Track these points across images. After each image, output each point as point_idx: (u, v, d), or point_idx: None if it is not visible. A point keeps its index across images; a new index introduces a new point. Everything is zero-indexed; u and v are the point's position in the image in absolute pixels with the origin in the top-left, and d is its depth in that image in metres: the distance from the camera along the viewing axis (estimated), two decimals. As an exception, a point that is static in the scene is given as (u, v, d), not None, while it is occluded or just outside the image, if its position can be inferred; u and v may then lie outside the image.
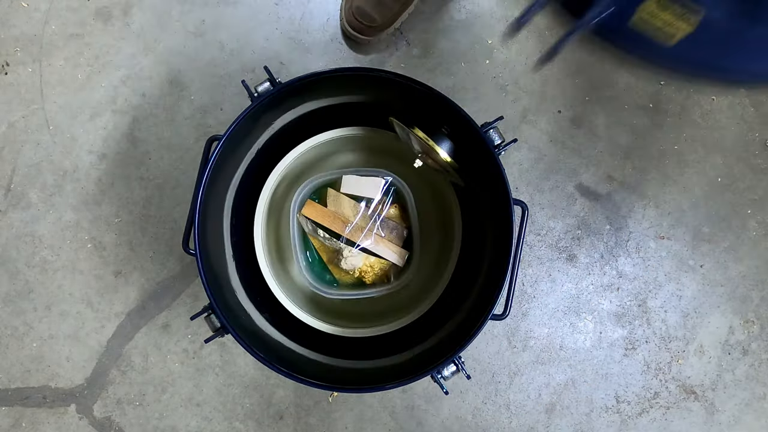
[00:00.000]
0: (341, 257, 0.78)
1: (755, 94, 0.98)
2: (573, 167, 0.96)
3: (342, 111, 0.80)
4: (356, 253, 0.78)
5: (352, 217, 0.79)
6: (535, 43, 0.96)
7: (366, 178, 0.79)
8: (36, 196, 0.95)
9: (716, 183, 0.97)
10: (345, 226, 0.78)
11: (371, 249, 0.78)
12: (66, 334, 0.93)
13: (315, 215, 0.79)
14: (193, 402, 0.93)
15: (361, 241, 0.78)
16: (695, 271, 0.96)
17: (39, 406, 0.93)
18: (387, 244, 0.79)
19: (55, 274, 0.94)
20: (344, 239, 0.79)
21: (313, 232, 0.79)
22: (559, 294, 0.95)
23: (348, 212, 0.79)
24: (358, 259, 0.78)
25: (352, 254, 0.78)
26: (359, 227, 0.78)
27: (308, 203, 0.80)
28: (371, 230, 0.78)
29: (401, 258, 0.79)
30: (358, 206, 0.79)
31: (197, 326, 0.93)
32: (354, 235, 0.78)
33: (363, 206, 0.79)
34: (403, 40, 0.96)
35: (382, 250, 0.78)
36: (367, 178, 0.79)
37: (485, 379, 0.94)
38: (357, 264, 0.79)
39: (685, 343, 0.95)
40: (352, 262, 0.78)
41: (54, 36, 0.96)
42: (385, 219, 0.79)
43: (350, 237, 0.78)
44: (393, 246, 0.79)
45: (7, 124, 0.95)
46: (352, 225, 0.78)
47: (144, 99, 0.95)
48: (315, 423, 0.93)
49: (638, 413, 0.94)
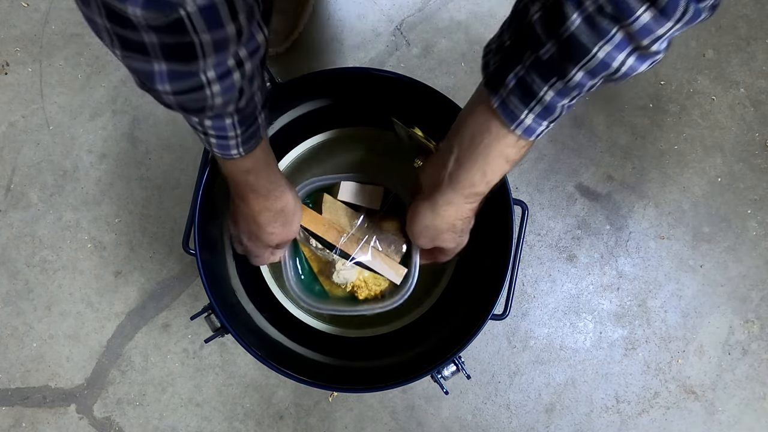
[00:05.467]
0: (334, 269, 0.72)
1: (755, 93, 0.98)
2: (573, 167, 0.96)
3: (342, 111, 0.80)
4: (350, 267, 0.72)
5: (348, 227, 0.73)
6: (535, 43, 0.96)
7: (367, 186, 0.74)
8: (36, 196, 0.95)
9: (716, 183, 0.97)
10: (340, 237, 0.73)
11: (367, 264, 0.72)
12: (66, 334, 0.93)
13: (308, 222, 0.73)
14: (193, 402, 0.93)
15: (357, 255, 0.72)
16: (695, 271, 0.96)
17: (39, 406, 0.93)
18: (384, 259, 0.72)
19: (55, 274, 0.94)
20: (338, 250, 0.73)
21: (304, 240, 0.73)
22: (559, 294, 0.95)
23: (344, 221, 0.74)
24: (351, 272, 0.73)
25: (345, 267, 0.72)
26: (355, 239, 0.73)
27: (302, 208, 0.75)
28: (368, 243, 0.72)
29: (398, 276, 0.72)
30: (356, 216, 0.74)
31: (197, 326, 0.93)
32: (349, 246, 0.72)
33: (361, 217, 0.74)
34: (403, 40, 0.96)
35: (379, 266, 0.72)
36: (368, 186, 0.74)
37: (485, 379, 0.94)
38: (350, 278, 0.73)
39: (685, 343, 0.95)
40: (345, 275, 0.72)
41: (54, 36, 0.96)
42: (384, 232, 0.73)
43: (345, 248, 0.72)
44: (391, 262, 0.72)
45: (7, 124, 0.95)
46: (347, 236, 0.73)
47: (144, 99, 0.95)
48: (315, 423, 0.93)
49: (638, 413, 0.94)
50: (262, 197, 0.59)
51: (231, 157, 0.52)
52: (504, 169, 0.50)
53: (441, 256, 0.67)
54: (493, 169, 0.49)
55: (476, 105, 0.49)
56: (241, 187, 0.58)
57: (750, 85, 0.97)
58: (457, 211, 0.55)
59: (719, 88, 0.97)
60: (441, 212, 0.56)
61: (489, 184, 0.51)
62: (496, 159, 0.48)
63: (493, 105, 0.45)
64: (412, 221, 0.60)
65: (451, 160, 0.52)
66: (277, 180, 0.60)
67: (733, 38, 0.98)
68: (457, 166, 0.51)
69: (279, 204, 0.61)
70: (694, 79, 0.97)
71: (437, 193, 0.55)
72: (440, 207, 0.55)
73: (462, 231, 0.59)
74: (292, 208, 0.63)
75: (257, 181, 0.57)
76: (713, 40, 0.98)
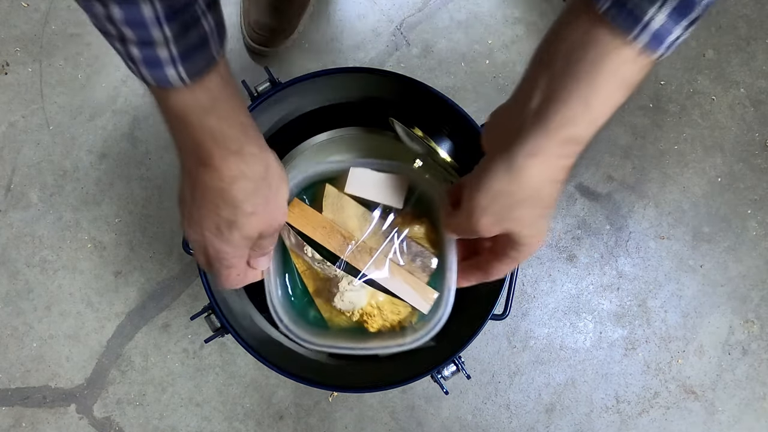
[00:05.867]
0: (336, 290, 0.54)
1: (755, 93, 0.98)
2: (573, 167, 0.96)
3: (342, 111, 0.80)
4: (359, 287, 0.53)
5: (357, 231, 0.54)
6: (534, 43, 0.96)
7: (385, 175, 0.55)
8: (36, 196, 0.95)
9: (716, 183, 0.97)
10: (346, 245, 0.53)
11: (382, 283, 0.54)
12: (66, 334, 0.93)
13: (302, 223, 0.54)
14: (193, 402, 0.93)
15: (369, 271, 0.53)
16: (695, 271, 0.96)
17: (39, 406, 0.93)
18: (407, 277, 0.53)
19: (55, 274, 0.94)
20: (343, 264, 0.54)
21: (296, 247, 0.54)
22: (559, 294, 0.95)
23: (352, 224, 0.54)
24: (360, 295, 0.54)
25: (352, 287, 0.53)
26: (367, 248, 0.54)
27: (295, 204, 0.54)
28: (385, 255, 0.53)
29: (426, 301, 0.53)
30: (369, 216, 0.55)
31: (197, 326, 0.93)
32: (358, 259, 0.53)
33: (376, 217, 0.54)
34: (403, 40, 0.96)
35: (399, 287, 0.53)
36: (387, 175, 0.55)
37: (485, 379, 0.94)
38: (359, 303, 0.54)
39: (685, 343, 0.95)
40: (352, 298, 0.54)
41: (54, 36, 0.96)
42: (407, 240, 0.54)
43: (352, 261, 0.54)
44: (416, 281, 0.54)
45: (7, 124, 0.95)
46: (356, 243, 0.54)
47: (144, 99, 0.95)
48: (315, 423, 0.93)
49: (638, 413, 0.94)
50: (234, 155, 0.39)
51: (169, 83, 0.34)
52: (615, 98, 0.34)
53: (497, 264, 0.45)
54: (601, 98, 0.34)
55: (572, 15, 0.34)
56: (199, 143, 0.38)
57: (750, 85, 0.97)
58: (546, 167, 0.37)
59: (719, 88, 0.97)
60: (522, 169, 0.37)
61: (593, 123, 0.35)
62: (605, 82, 0.33)
63: (600, 8, 0.31)
64: (474, 188, 0.40)
65: (537, 92, 0.36)
66: (251, 130, 0.40)
67: (733, 38, 0.98)
68: (547, 97, 0.35)
69: (259, 165, 0.41)
70: (694, 79, 0.97)
71: (516, 143, 0.37)
72: (520, 161, 0.37)
73: (548, 205, 0.40)
74: (277, 172, 0.43)
75: (224, 128, 0.37)
76: (713, 40, 0.98)
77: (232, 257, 0.44)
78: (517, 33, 0.97)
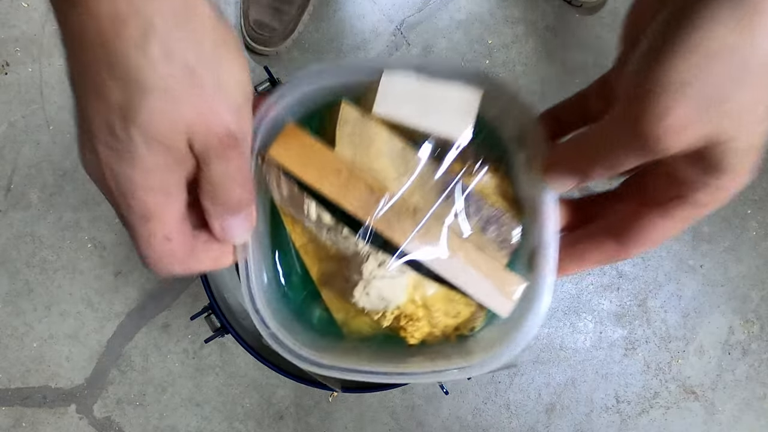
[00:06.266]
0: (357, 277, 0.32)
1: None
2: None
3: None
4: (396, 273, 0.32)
5: (393, 180, 0.32)
6: (534, 43, 0.96)
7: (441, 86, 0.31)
8: (36, 196, 0.95)
9: (716, 183, 0.97)
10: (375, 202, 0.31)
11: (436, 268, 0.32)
12: (66, 334, 0.93)
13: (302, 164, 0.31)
14: (193, 402, 0.93)
15: (413, 246, 0.31)
16: (695, 271, 0.96)
17: (39, 406, 0.93)
18: (476, 256, 0.32)
19: (55, 274, 0.94)
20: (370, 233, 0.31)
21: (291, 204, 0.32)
22: (559, 294, 0.95)
23: (385, 167, 0.32)
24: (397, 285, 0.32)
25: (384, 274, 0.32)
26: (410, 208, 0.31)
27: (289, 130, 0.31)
28: (440, 220, 0.31)
29: (507, 296, 0.32)
30: (413, 156, 0.32)
31: (197, 326, 0.93)
32: (395, 225, 0.31)
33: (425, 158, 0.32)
34: (403, 40, 0.96)
35: (464, 273, 0.32)
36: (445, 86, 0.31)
37: (485, 379, 0.94)
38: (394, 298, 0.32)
39: (685, 343, 0.95)
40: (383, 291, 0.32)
41: (54, 36, 0.96)
42: (475, 196, 0.32)
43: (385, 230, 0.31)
44: (490, 263, 0.32)
45: (7, 124, 0.95)
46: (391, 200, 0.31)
47: (144, 99, 0.95)
48: (315, 423, 0.93)
49: (638, 413, 0.94)
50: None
51: None
52: None
53: (658, 220, 0.27)
54: None
55: None
56: None
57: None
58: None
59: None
60: (758, 15, 0.19)
61: None
62: None
63: None
64: (660, 53, 0.21)
65: None
66: None
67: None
68: None
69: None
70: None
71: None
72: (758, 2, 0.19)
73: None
74: (215, 20, 0.22)
75: None
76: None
77: (146, 194, 0.22)
78: (517, 33, 0.97)
